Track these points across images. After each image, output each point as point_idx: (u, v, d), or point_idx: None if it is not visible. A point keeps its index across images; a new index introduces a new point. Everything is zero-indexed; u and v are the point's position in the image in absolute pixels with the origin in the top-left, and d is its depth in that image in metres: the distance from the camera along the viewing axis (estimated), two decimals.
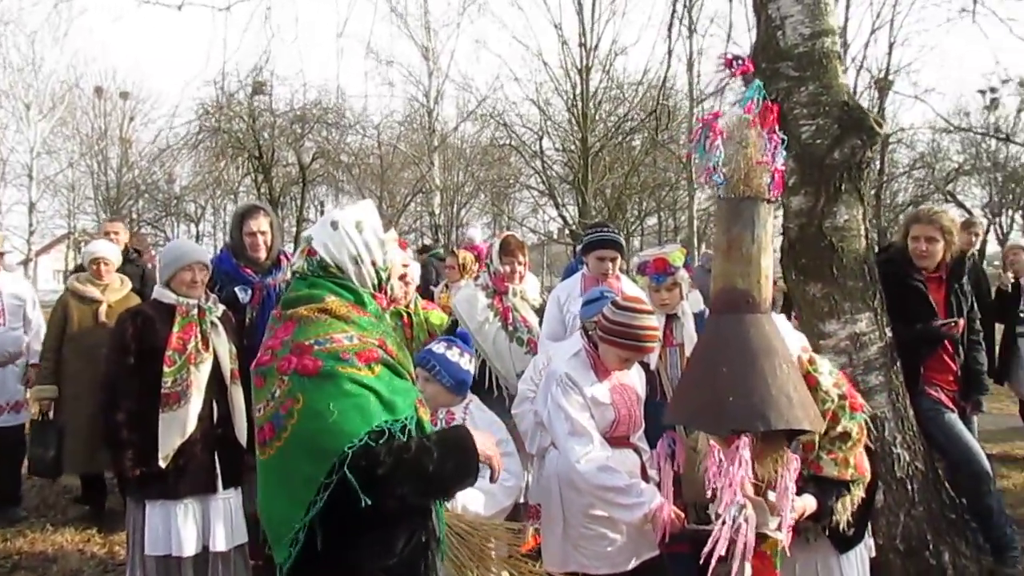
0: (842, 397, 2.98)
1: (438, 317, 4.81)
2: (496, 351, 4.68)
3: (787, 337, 2.97)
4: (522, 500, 4.04)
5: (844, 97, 4.23)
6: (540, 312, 4.90)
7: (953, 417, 4.60)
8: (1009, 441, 7.77)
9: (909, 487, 4.13)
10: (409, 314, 4.69)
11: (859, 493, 3.03)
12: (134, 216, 28.94)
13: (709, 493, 2.71)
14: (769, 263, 2.82)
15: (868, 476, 3.04)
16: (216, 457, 4.01)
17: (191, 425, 3.92)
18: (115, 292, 5.80)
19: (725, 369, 2.64)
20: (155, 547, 3.89)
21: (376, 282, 2.37)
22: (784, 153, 2.98)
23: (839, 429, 2.98)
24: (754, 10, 4.48)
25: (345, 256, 2.32)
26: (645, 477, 3.51)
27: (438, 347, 3.51)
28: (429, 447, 2.20)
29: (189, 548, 3.90)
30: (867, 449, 3.09)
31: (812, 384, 2.91)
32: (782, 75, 4.24)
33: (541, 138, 22.21)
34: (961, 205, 24.38)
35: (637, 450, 3.64)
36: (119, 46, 44.41)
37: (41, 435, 5.49)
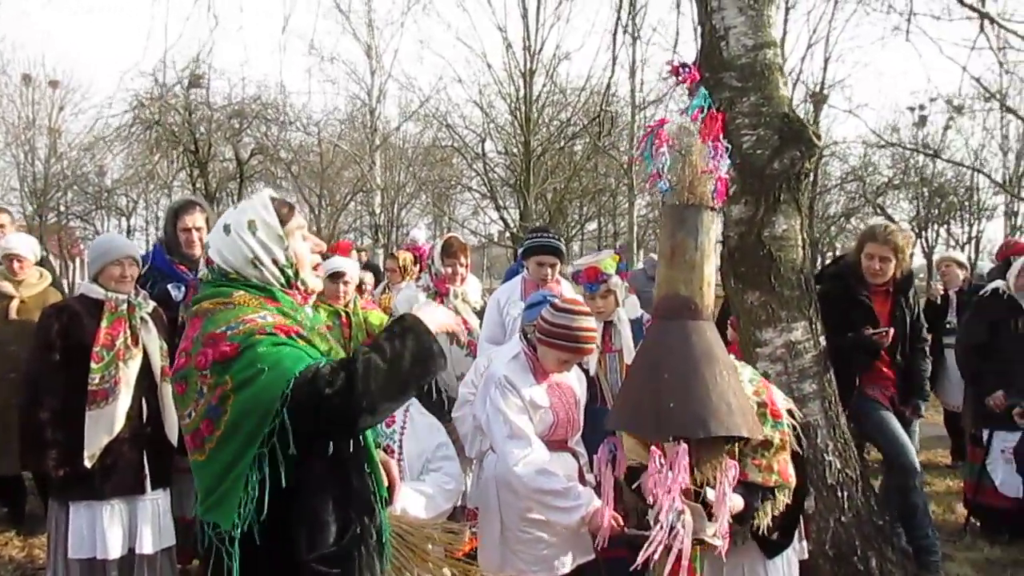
0: (762, 405, 3.00)
1: (377, 317, 4.77)
2: None
3: None
4: (460, 504, 4.01)
5: (785, 109, 4.29)
6: (481, 315, 4.88)
7: (888, 414, 4.75)
8: (932, 449, 8.00)
9: (839, 494, 4.21)
10: (348, 314, 4.64)
11: (783, 499, 3.05)
12: (62, 208, 27.95)
13: (649, 499, 2.72)
14: (712, 270, 2.85)
15: (793, 482, 3.06)
16: (145, 457, 3.91)
17: (119, 423, 3.81)
18: (31, 287, 5.50)
19: (667, 375, 2.66)
20: (79, 550, 3.77)
21: (283, 280, 2.24)
22: (728, 162, 3.01)
23: (761, 437, 3.01)
24: (699, 20, 4.52)
25: (242, 261, 2.19)
26: (583, 481, 3.51)
27: None
28: (377, 343, 2.12)
29: (114, 550, 3.80)
30: (798, 456, 3.13)
31: None
32: (725, 85, 4.29)
33: (483, 140, 22.14)
34: (890, 218, 25.02)
35: (575, 454, 3.64)
36: (49, 33, 43.05)
37: None
